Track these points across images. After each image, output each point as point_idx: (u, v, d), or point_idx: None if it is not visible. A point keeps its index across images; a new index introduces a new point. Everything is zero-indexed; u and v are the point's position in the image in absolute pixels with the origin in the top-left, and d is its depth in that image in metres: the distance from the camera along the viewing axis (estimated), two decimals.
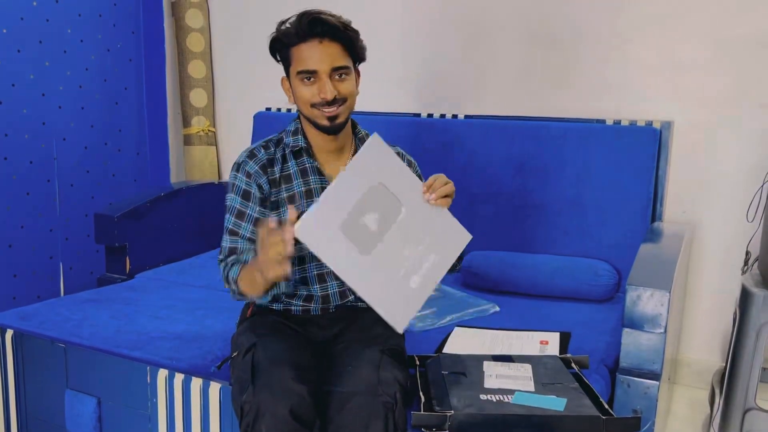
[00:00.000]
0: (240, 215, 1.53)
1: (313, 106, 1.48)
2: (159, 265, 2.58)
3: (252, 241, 1.52)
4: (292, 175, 1.56)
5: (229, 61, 3.15)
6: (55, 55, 2.73)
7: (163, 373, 1.69)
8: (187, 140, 3.19)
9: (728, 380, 1.89)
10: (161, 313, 2.02)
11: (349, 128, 1.59)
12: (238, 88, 3.18)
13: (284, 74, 1.56)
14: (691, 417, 2.28)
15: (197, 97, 3.16)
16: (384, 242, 1.32)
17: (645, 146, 2.27)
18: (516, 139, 2.43)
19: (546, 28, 2.51)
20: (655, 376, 1.60)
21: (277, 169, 1.56)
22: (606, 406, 1.31)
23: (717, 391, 2.03)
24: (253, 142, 2.88)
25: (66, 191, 2.83)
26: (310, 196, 1.55)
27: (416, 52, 2.75)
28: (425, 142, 2.54)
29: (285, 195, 1.55)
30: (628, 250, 2.20)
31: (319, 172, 1.57)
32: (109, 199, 2.94)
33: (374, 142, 1.33)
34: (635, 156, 2.28)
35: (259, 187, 1.53)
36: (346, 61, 1.49)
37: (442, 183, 1.37)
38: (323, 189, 1.53)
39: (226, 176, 3.15)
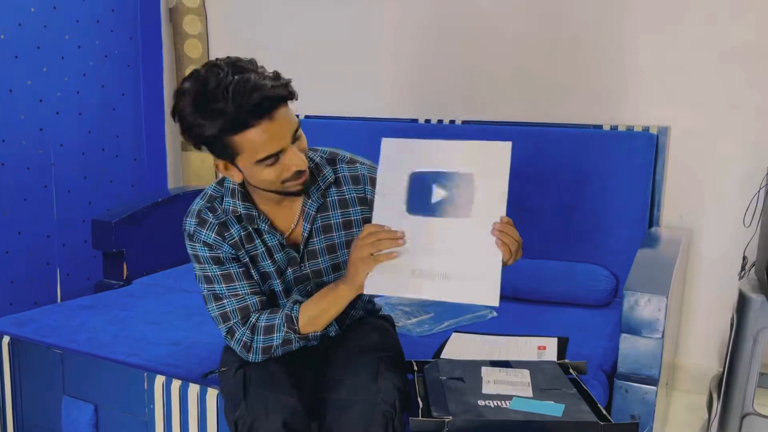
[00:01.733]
0: (228, 278, 1.40)
1: (283, 182, 1.32)
2: (156, 270, 2.58)
3: (256, 293, 1.42)
4: (251, 235, 1.43)
5: None
6: (52, 61, 2.73)
7: (160, 380, 1.68)
8: (185, 146, 3.19)
9: (726, 385, 1.89)
10: (158, 319, 2.02)
11: None
12: None
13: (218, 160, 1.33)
14: (689, 422, 2.28)
15: None
16: (426, 222, 1.27)
17: (642, 151, 2.28)
18: (513, 145, 2.42)
19: (543, 33, 2.52)
20: (653, 381, 1.60)
21: (234, 230, 1.41)
22: (604, 412, 1.31)
23: (715, 397, 2.03)
24: None
25: (63, 197, 2.82)
26: (270, 254, 1.44)
27: (414, 58, 2.75)
28: None
29: (249, 255, 1.43)
30: (625, 255, 2.20)
31: (272, 229, 1.44)
32: (106, 205, 2.94)
33: (505, 148, 1.29)
34: (632, 161, 2.28)
35: (225, 252, 1.41)
36: (295, 118, 1.31)
37: (516, 234, 1.27)
38: (281, 245, 1.44)
39: None
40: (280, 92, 1.24)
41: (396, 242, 1.26)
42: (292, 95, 1.28)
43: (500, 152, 1.29)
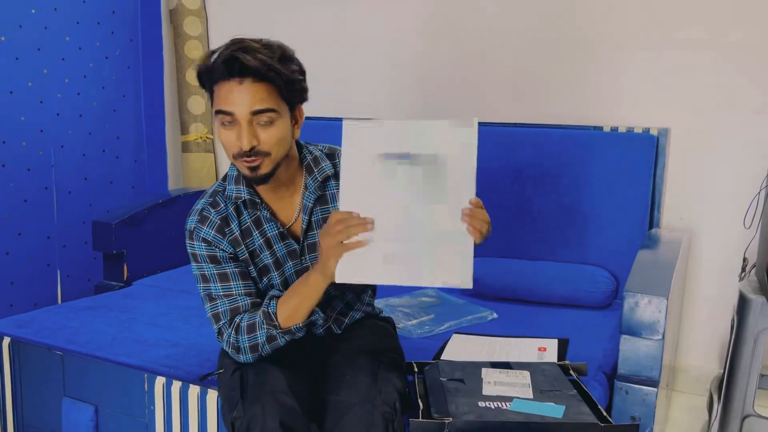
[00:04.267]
0: (223, 278, 1.42)
1: (234, 157, 1.35)
2: (156, 272, 2.58)
3: (249, 294, 1.43)
4: (250, 228, 1.45)
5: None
6: (53, 63, 2.73)
7: (160, 381, 1.68)
8: (185, 147, 3.20)
9: (726, 387, 1.89)
10: (159, 321, 2.02)
11: (293, 155, 1.44)
12: None
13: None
14: (690, 424, 2.28)
15: (195, 105, 3.16)
16: (395, 206, 1.24)
17: (642, 153, 2.28)
18: (514, 147, 2.44)
19: (544, 34, 2.52)
20: (653, 382, 1.60)
21: (234, 225, 1.44)
22: (604, 413, 1.31)
23: (715, 398, 2.03)
24: None
25: (63, 198, 2.82)
26: (269, 245, 1.45)
27: (414, 59, 2.75)
28: None
29: (248, 250, 1.44)
30: (625, 256, 2.20)
31: (273, 218, 1.45)
32: (106, 207, 2.94)
33: (471, 126, 1.25)
34: (633, 163, 2.28)
35: (223, 250, 1.42)
36: (271, 104, 1.31)
37: (485, 216, 1.26)
38: (281, 234, 1.45)
39: None
40: (251, 62, 1.27)
41: (365, 227, 1.24)
42: (273, 78, 1.29)
43: (467, 131, 1.26)
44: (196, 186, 3.14)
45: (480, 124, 2.72)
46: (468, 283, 1.25)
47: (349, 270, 1.26)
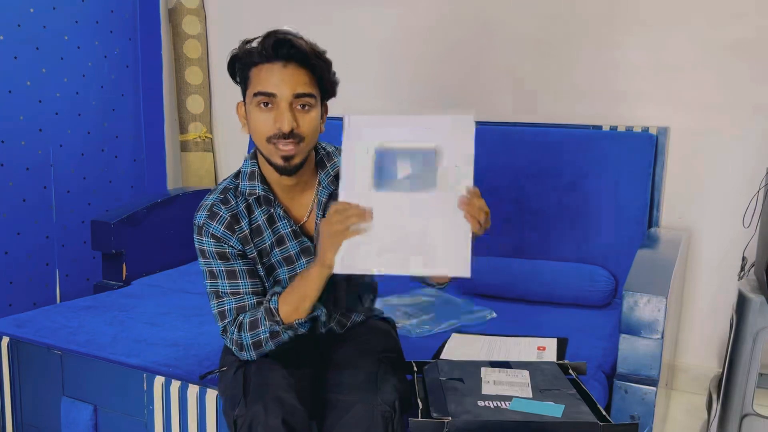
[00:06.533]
0: (231, 275, 1.41)
1: (268, 140, 1.35)
2: (156, 271, 2.58)
3: (256, 293, 1.43)
4: (261, 226, 1.45)
5: (225, 67, 3.15)
6: (52, 62, 2.73)
7: (159, 380, 1.68)
8: (184, 146, 3.19)
9: (725, 386, 1.89)
10: (158, 320, 2.02)
11: (310, 157, 1.46)
12: (234, 95, 3.14)
13: (242, 99, 1.44)
14: (689, 423, 2.28)
15: (194, 104, 3.16)
16: (393, 198, 1.27)
17: (641, 152, 2.28)
18: (513, 146, 2.43)
19: (543, 34, 2.52)
20: (653, 381, 1.60)
21: (244, 223, 1.43)
22: (603, 413, 1.31)
23: (714, 397, 2.03)
24: (250, 148, 2.88)
25: (62, 198, 2.82)
26: (282, 243, 1.45)
27: (413, 58, 2.75)
28: None
29: (256, 249, 1.44)
30: (624, 255, 2.21)
31: (287, 216, 1.46)
32: (105, 206, 2.94)
33: (468, 121, 1.29)
34: (632, 162, 2.28)
35: (232, 247, 1.42)
36: (311, 89, 1.36)
37: (483, 204, 1.27)
38: (294, 232, 1.45)
39: None
40: (303, 46, 1.33)
41: (363, 217, 1.25)
42: (315, 64, 1.35)
43: (464, 125, 1.29)
44: (195, 185, 3.14)
45: (480, 123, 2.73)
46: (466, 272, 1.27)
47: (348, 260, 1.27)
